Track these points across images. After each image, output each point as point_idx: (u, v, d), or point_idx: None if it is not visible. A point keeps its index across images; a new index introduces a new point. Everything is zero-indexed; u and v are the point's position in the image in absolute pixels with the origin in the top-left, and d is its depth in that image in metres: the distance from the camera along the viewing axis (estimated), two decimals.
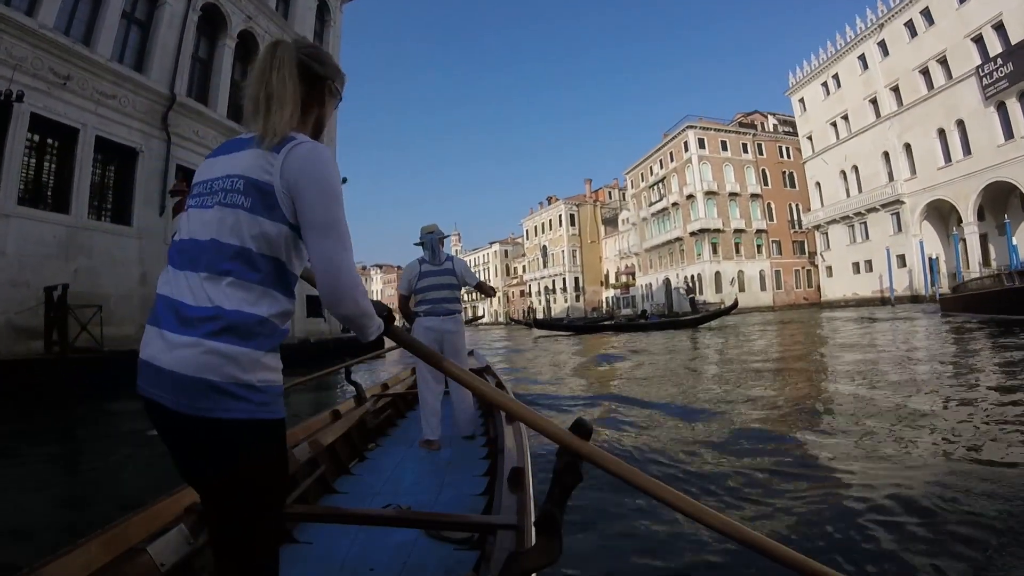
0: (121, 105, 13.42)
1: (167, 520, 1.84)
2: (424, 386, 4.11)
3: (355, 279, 1.24)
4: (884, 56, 41.99)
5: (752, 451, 4.54)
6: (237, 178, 1.20)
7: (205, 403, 1.08)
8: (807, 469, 3.98)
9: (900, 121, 40.87)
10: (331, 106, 1.46)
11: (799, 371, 9.95)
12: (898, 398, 6.40)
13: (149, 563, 1.67)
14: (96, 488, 4.79)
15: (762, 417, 5.96)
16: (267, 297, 1.18)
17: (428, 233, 4.45)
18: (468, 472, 3.43)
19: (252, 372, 1.12)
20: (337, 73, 1.45)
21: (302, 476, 2.89)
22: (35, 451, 6.10)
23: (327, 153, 1.26)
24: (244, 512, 1.17)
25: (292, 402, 7.48)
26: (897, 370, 8.85)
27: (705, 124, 55.36)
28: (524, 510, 2.03)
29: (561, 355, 17.54)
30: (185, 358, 1.09)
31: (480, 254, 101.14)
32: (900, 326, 19.03)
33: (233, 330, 1.11)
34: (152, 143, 14.31)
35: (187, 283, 1.16)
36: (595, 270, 75.26)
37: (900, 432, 4.86)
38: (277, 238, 1.19)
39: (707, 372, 10.67)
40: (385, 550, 2.30)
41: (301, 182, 1.19)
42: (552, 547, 1.21)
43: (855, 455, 4.27)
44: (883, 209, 42.47)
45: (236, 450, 1.13)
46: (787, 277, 54.94)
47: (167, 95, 14.59)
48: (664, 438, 5.21)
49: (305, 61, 1.35)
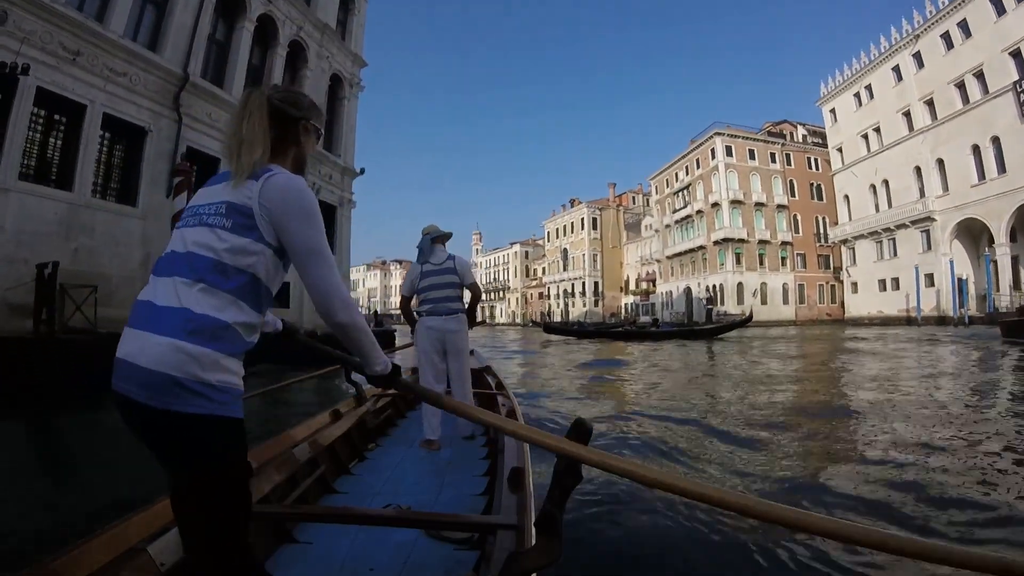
0: (132, 83, 13.16)
1: (167, 520, 1.81)
2: (425, 386, 3.94)
3: (345, 295, 1.38)
4: (919, 68, 41.02)
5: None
6: (220, 203, 1.34)
7: (168, 398, 1.18)
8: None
9: (934, 135, 39.82)
10: (309, 143, 1.58)
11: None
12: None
13: (149, 563, 1.69)
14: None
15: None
16: (234, 307, 1.28)
17: (427, 234, 4.46)
18: (468, 472, 3.45)
19: (212, 372, 1.22)
20: (312, 111, 1.56)
21: (302, 476, 2.90)
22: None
23: (301, 182, 1.39)
24: (208, 513, 1.26)
25: (292, 401, 7.42)
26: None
27: (733, 132, 54.37)
28: (524, 510, 2.04)
29: (562, 357, 17.48)
30: (154, 355, 1.19)
31: (500, 254, 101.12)
32: (970, 353, 15.40)
33: (199, 332, 1.22)
34: (162, 123, 14.05)
35: (163, 288, 1.28)
36: (615, 275, 74.73)
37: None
38: (252, 255, 1.31)
39: (708, 399, 8.43)
40: (385, 550, 2.31)
41: (282, 213, 1.32)
42: (552, 547, 1.24)
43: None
44: (913, 226, 41.37)
45: (196, 444, 1.23)
46: (811, 291, 53.81)
47: (180, 75, 14.30)
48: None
49: (278, 106, 1.48)
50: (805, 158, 56.02)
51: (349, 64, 22.33)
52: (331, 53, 20.88)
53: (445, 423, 4.15)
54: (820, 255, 54.58)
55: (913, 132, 41.73)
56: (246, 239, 1.30)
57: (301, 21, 19.24)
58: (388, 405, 4.97)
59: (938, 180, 39.65)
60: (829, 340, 25.00)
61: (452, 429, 4.32)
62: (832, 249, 53.33)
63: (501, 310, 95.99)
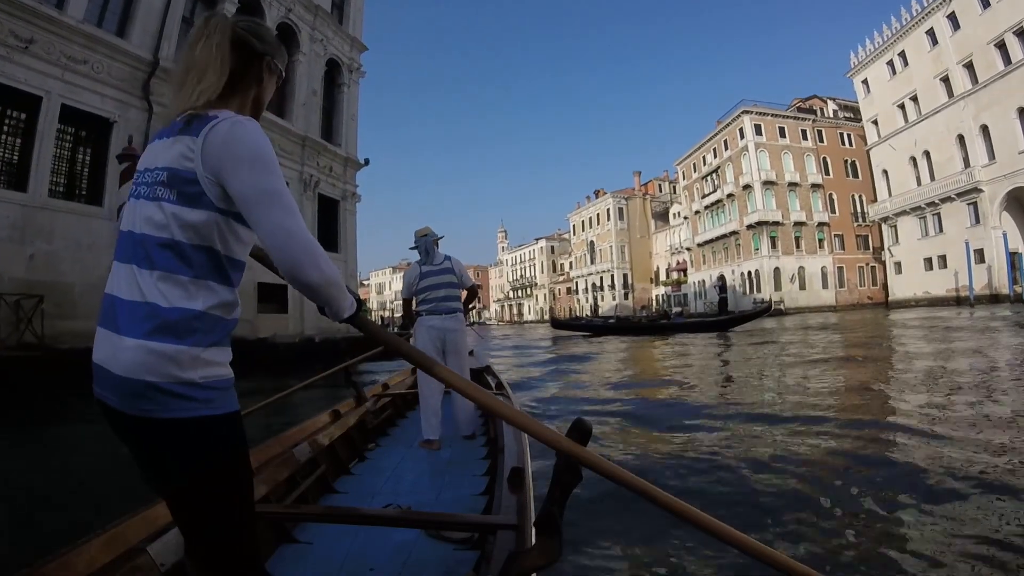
0: (94, 71, 12.14)
1: (167, 520, 1.78)
2: (424, 386, 4.13)
3: (311, 243, 1.15)
4: (955, 30, 38.55)
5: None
6: (161, 170, 1.17)
7: (148, 404, 1.09)
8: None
9: (975, 101, 37.38)
10: (271, 85, 1.40)
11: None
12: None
13: (149, 563, 1.67)
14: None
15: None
16: (204, 290, 1.15)
17: (422, 236, 4.53)
18: (468, 472, 3.43)
19: (193, 369, 1.11)
20: (277, 49, 1.38)
21: (302, 476, 2.90)
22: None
23: (251, 124, 1.19)
24: (209, 518, 1.17)
25: (292, 402, 7.38)
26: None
27: (761, 109, 51.94)
28: (524, 510, 2.00)
29: (524, 357, 17.39)
30: (126, 360, 1.09)
31: (526, 250, 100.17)
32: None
33: (169, 328, 1.10)
34: (130, 113, 12.92)
35: (124, 279, 1.15)
36: (644, 266, 73.07)
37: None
38: (206, 226, 1.15)
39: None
40: (385, 550, 2.30)
41: (225, 162, 1.13)
42: (552, 547, 1.21)
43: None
44: (959, 198, 38.86)
45: (185, 451, 1.12)
46: (850, 274, 51.34)
47: (149, 60, 13.19)
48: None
49: (241, 35, 1.30)
50: (837, 134, 53.47)
51: (347, 49, 21.21)
52: (326, 37, 19.79)
53: (445, 423, 4.20)
54: (859, 235, 52.09)
55: (953, 98, 39.21)
56: (196, 211, 1.14)
57: (290, 3, 18.29)
58: (388, 405, 5.02)
59: (983, 148, 37.18)
60: (875, 327, 22.92)
61: (452, 429, 4.31)
62: (870, 229, 50.98)
63: (529, 307, 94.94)
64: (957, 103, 38.88)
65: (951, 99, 39.49)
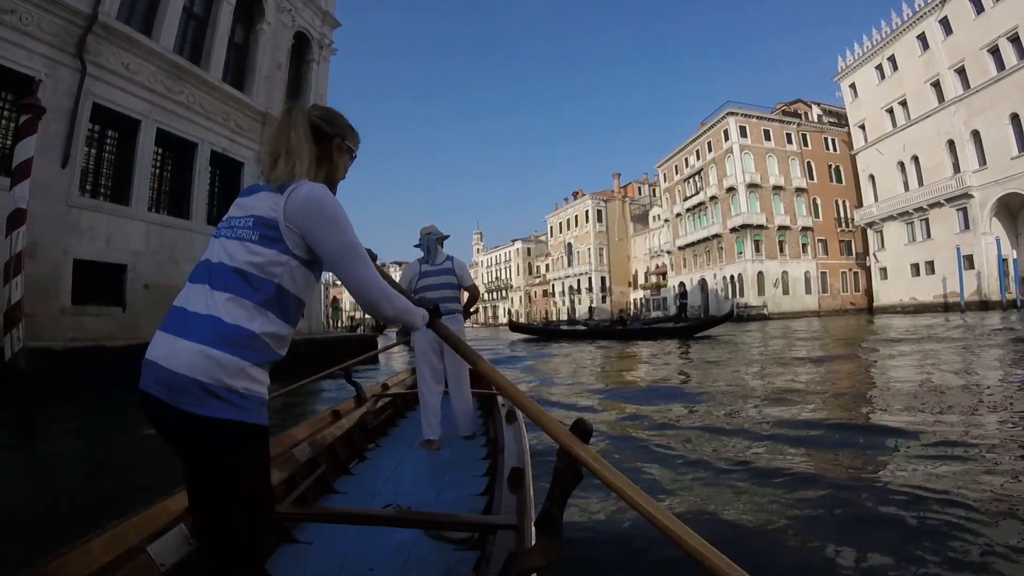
0: (22, 23, 10.06)
1: (167, 520, 1.81)
2: (424, 386, 4.13)
3: (384, 290, 1.44)
4: (947, 35, 38.33)
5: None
6: (249, 217, 1.37)
7: (194, 401, 1.19)
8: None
9: (967, 106, 37.09)
10: (342, 162, 1.60)
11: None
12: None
13: (149, 563, 1.66)
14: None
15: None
16: (262, 316, 1.29)
17: (426, 234, 4.48)
18: (468, 472, 3.39)
19: (238, 379, 1.22)
20: (347, 131, 1.59)
21: (302, 476, 2.88)
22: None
23: (324, 190, 1.40)
24: (226, 513, 1.26)
25: (292, 403, 7.06)
26: None
27: (747, 112, 51.25)
28: (524, 510, 2.00)
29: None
30: (183, 359, 1.20)
31: (502, 252, 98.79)
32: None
33: (226, 340, 1.23)
34: (61, 72, 10.76)
35: (195, 294, 1.30)
36: (623, 270, 72.12)
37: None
38: (277, 266, 1.32)
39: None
40: (385, 550, 2.27)
41: (307, 222, 1.34)
42: (552, 547, 1.21)
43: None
44: (948, 204, 38.43)
45: (218, 447, 1.23)
46: (833, 280, 50.81)
47: (88, 14, 11.06)
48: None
49: (315, 123, 1.51)
50: (822, 138, 53.06)
51: (318, 23, 19.24)
52: (295, 7, 17.74)
53: (445, 423, 4.16)
54: (842, 240, 51.64)
55: (944, 103, 38.84)
56: (272, 250, 1.32)
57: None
58: (388, 405, 5.00)
59: (974, 153, 36.87)
60: (861, 333, 20.48)
61: (452, 429, 4.28)
62: (854, 234, 50.69)
63: (504, 309, 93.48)
64: (948, 108, 38.54)
65: (942, 104, 39.14)
